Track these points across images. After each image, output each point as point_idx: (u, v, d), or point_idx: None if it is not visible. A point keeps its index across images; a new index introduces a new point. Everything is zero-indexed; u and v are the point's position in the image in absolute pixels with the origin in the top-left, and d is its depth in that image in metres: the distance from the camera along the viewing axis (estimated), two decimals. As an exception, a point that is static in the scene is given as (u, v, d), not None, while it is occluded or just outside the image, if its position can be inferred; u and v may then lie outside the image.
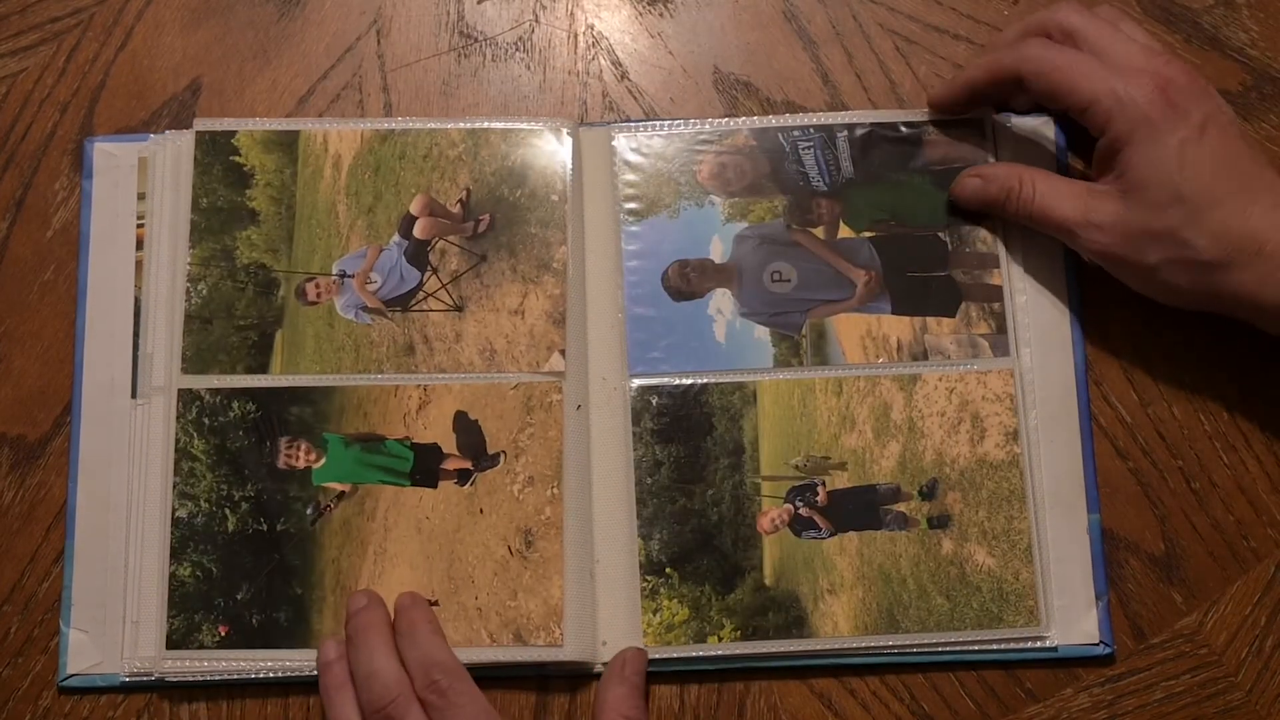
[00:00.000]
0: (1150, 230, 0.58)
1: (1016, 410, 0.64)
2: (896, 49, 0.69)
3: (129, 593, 0.62)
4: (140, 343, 0.65)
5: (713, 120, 0.67)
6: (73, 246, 0.66)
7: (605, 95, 0.69)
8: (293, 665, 0.61)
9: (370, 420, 0.64)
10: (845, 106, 0.68)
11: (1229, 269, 0.57)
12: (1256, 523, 0.63)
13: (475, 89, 0.69)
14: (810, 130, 0.67)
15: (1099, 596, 0.62)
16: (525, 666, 0.62)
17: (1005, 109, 0.67)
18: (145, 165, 0.67)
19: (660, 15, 0.70)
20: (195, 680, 0.61)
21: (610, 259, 0.66)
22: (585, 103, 0.69)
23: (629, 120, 0.68)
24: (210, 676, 0.61)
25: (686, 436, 0.64)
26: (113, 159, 0.67)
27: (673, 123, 0.67)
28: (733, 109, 0.68)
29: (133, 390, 0.64)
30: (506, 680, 0.62)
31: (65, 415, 0.65)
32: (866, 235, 0.66)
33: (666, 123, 0.67)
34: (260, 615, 0.62)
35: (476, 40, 0.69)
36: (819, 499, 0.63)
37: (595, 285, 0.66)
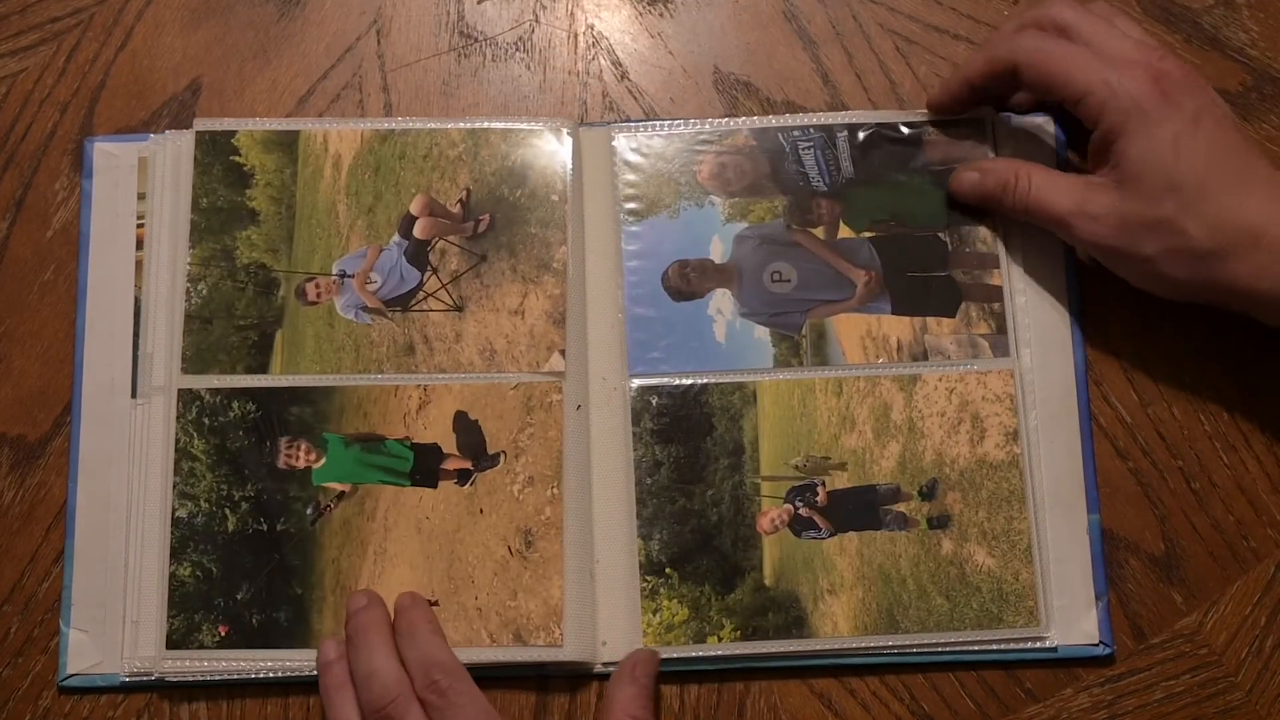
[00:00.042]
0: (1146, 220, 0.58)
1: (1016, 410, 0.64)
2: (896, 49, 0.69)
3: (129, 593, 0.62)
4: (140, 343, 0.65)
5: (713, 120, 0.67)
6: (73, 246, 0.66)
7: (605, 95, 0.69)
8: (293, 665, 0.61)
9: (370, 420, 0.64)
10: (845, 106, 0.68)
11: (1225, 259, 0.57)
12: (1256, 523, 0.63)
13: (475, 89, 0.69)
14: (810, 130, 0.67)
15: (1099, 597, 0.62)
16: (525, 666, 0.62)
17: (1006, 110, 0.67)
18: (145, 165, 0.67)
19: (660, 15, 0.70)
20: (195, 680, 0.61)
21: (610, 259, 0.66)
22: (585, 103, 0.69)
23: (629, 120, 0.68)
24: (210, 676, 0.61)
25: (686, 437, 0.64)
26: (113, 159, 0.67)
27: (673, 123, 0.67)
28: (733, 109, 0.68)
29: (133, 390, 0.64)
30: (506, 680, 0.62)
31: (65, 415, 0.65)
32: (866, 235, 0.66)
33: (666, 123, 0.67)
34: (260, 615, 0.62)
35: (476, 40, 0.69)
36: (819, 499, 0.63)
37: (595, 285, 0.66)
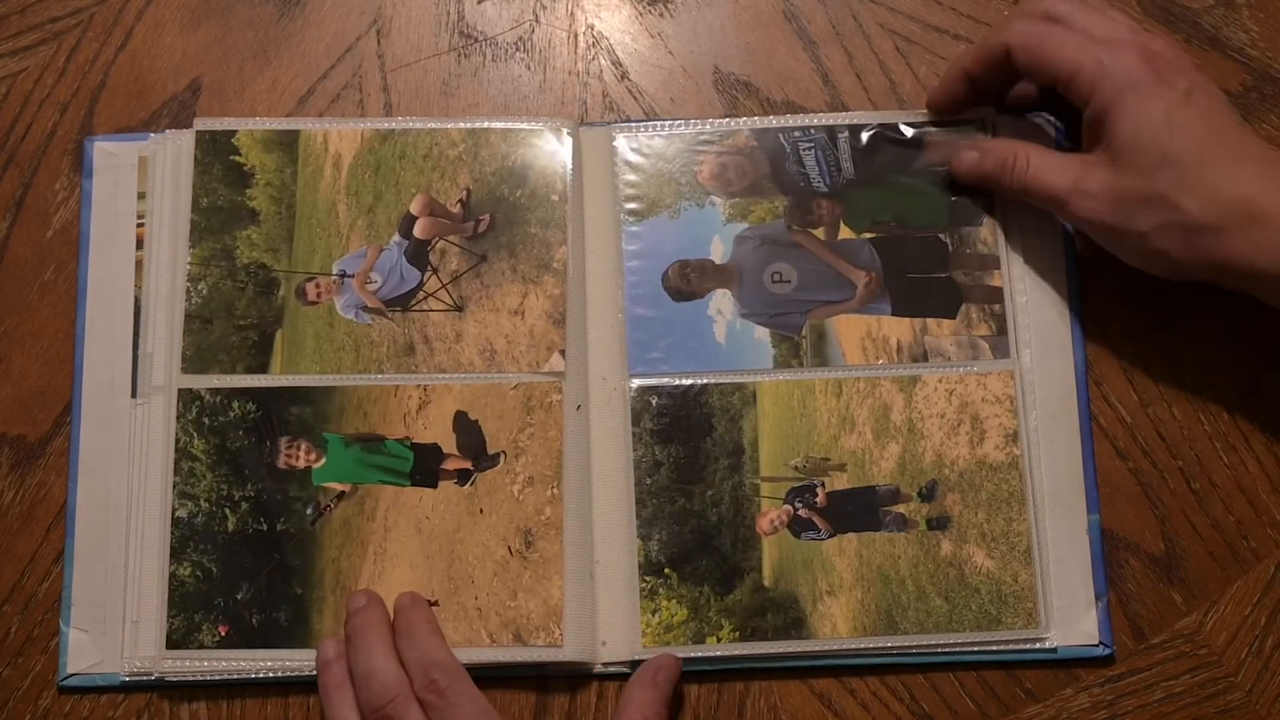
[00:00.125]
0: (1140, 194, 0.58)
1: (1016, 412, 0.64)
2: (896, 49, 0.69)
3: (129, 592, 0.62)
4: (140, 342, 0.65)
5: (713, 120, 0.67)
6: (73, 246, 0.66)
7: (605, 95, 0.69)
8: (293, 665, 0.61)
9: (370, 420, 0.64)
10: (845, 107, 0.68)
11: (1221, 234, 0.56)
12: (1256, 523, 0.63)
13: (475, 89, 0.69)
14: (811, 131, 0.67)
15: (1099, 597, 0.62)
16: (525, 667, 0.62)
17: (1005, 109, 0.67)
18: (145, 165, 0.67)
19: (660, 15, 0.70)
20: (195, 680, 0.61)
21: (610, 259, 0.66)
22: (585, 103, 0.69)
23: (629, 120, 0.68)
24: (210, 676, 0.61)
25: (686, 437, 0.64)
26: (113, 158, 0.67)
27: (673, 123, 0.67)
28: (733, 109, 0.68)
29: (133, 390, 0.64)
30: (506, 680, 0.62)
31: (65, 415, 0.65)
32: (867, 236, 0.66)
33: (667, 123, 0.67)
34: (260, 615, 0.62)
35: (476, 40, 0.69)
36: (818, 500, 0.63)
37: (595, 285, 0.66)
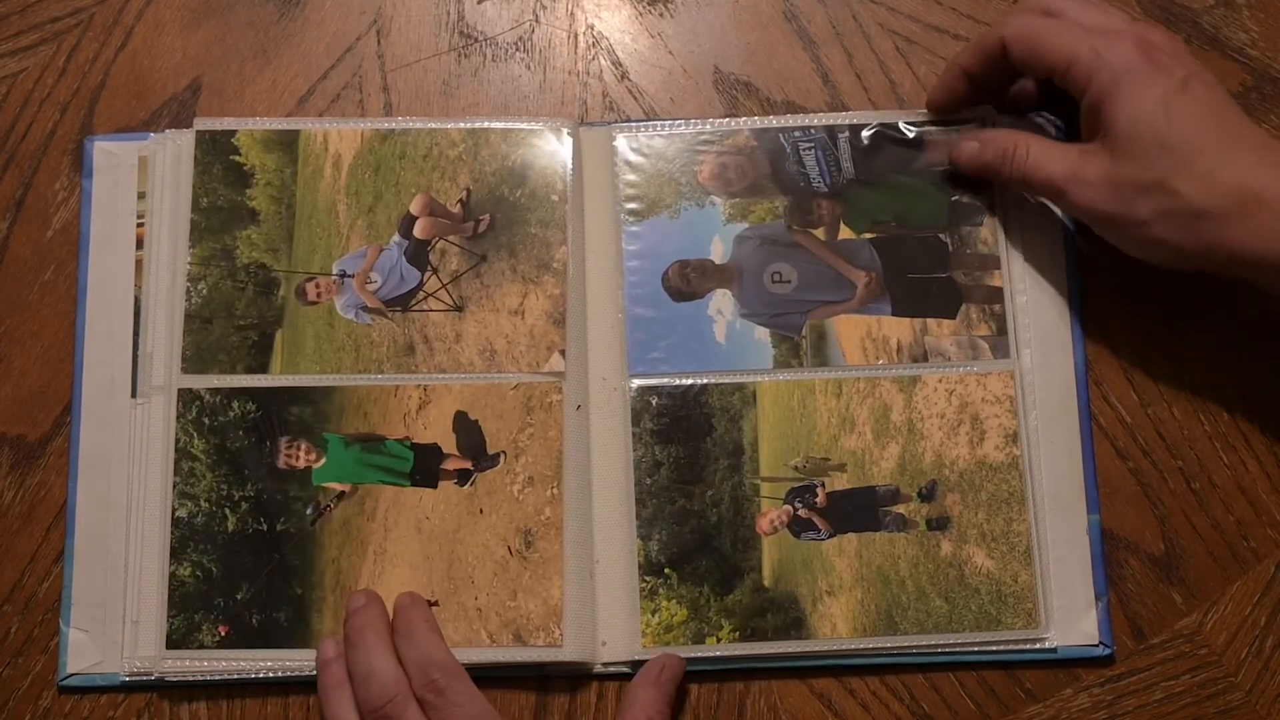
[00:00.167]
0: (1139, 182, 0.57)
1: (1016, 412, 0.64)
2: (896, 49, 0.69)
3: (129, 592, 0.62)
4: (140, 342, 0.65)
5: (714, 120, 0.67)
6: (73, 246, 0.66)
7: (605, 95, 0.69)
8: (293, 665, 0.61)
9: (370, 420, 0.64)
10: (845, 107, 0.68)
11: (1223, 221, 0.56)
12: (1256, 523, 0.63)
13: (475, 89, 0.69)
14: (811, 131, 0.67)
15: (1099, 597, 0.62)
16: (525, 667, 0.62)
17: (1005, 109, 0.67)
18: (145, 165, 0.67)
19: (660, 15, 0.70)
20: (195, 680, 0.61)
21: (610, 259, 0.66)
22: (585, 103, 0.69)
23: (629, 120, 0.68)
24: (210, 676, 0.61)
25: (686, 437, 0.64)
26: (113, 158, 0.67)
27: (674, 123, 0.67)
28: (733, 109, 0.68)
29: (133, 390, 0.64)
30: (506, 680, 0.62)
31: (65, 415, 0.65)
32: (867, 236, 0.66)
33: (667, 123, 0.67)
34: (260, 615, 0.62)
35: (476, 40, 0.69)
36: (818, 500, 0.63)
37: (595, 285, 0.66)
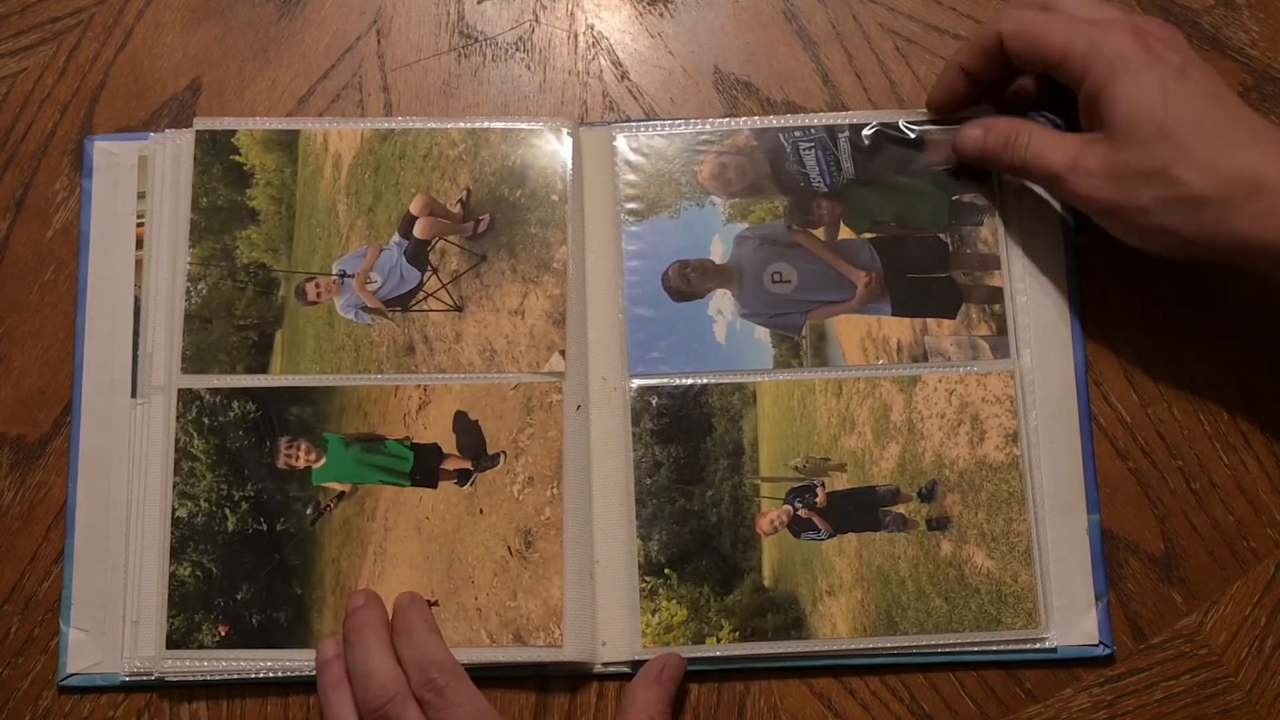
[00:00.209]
0: (1139, 170, 0.57)
1: (1016, 412, 0.63)
2: (896, 49, 0.69)
3: (129, 592, 0.62)
4: (140, 342, 0.65)
5: (714, 120, 0.67)
6: (73, 246, 0.66)
7: (605, 95, 0.69)
8: (293, 665, 0.61)
9: (370, 420, 0.64)
10: (845, 106, 0.68)
11: (1225, 208, 0.55)
12: (1256, 523, 0.63)
13: (475, 89, 0.69)
14: (811, 130, 0.67)
15: (1099, 597, 0.62)
16: (525, 667, 0.62)
17: (1005, 108, 0.67)
18: (145, 164, 0.67)
19: (660, 15, 0.70)
20: (195, 680, 0.61)
21: (610, 259, 0.66)
22: (585, 103, 0.69)
23: (629, 120, 0.68)
24: (210, 676, 0.61)
25: (686, 437, 0.64)
26: (113, 157, 0.67)
27: (674, 123, 0.67)
28: (733, 109, 0.68)
29: (133, 390, 0.64)
30: (506, 680, 0.62)
31: (65, 415, 0.65)
32: (867, 236, 0.66)
33: (667, 123, 0.67)
34: (260, 615, 0.62)
35: (476, 40, 0.69)
36: (818, 500, 0.63)
37: (595, 285, 0.66)
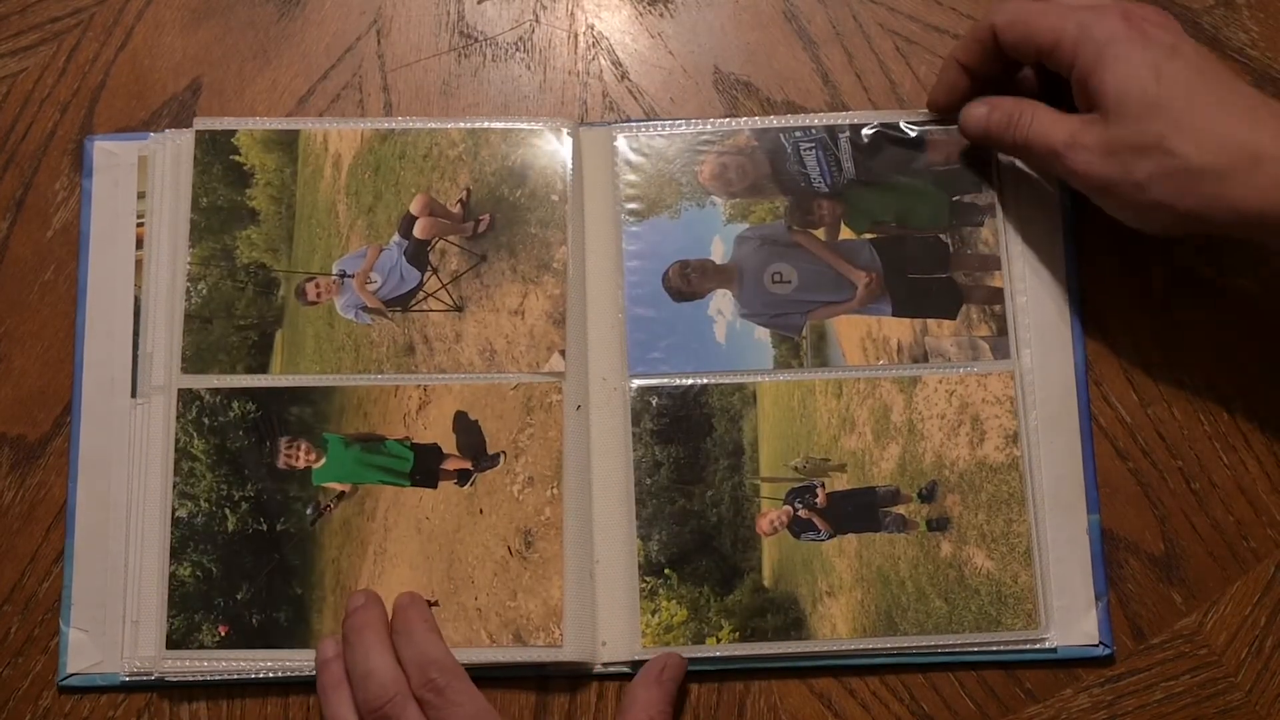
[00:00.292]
0: (1133, 143, 0.57)
1: (1016, 413, 0.63)
2: (896, 49, 0.69)
3: (129, 592, 0.62)
4: (140, 342, 0.65)
5: (714, 120, 0.67)
6: (73, 246, 0.66)
7: (605, 95, 0.69)
8: (293, 665, 0.61)
9: (370, 420, 0.64)
10: (845, 106, 0.68)
11: (1224, 178, 0.55)
12: (1256, 523, 0.63)
13: (475, 89, 0.69)
14: (812, 130, 0.67)
15: (1099, 597, 0.62)
16: (525, 667, 0.62)
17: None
18: (145, 164, 0.67)
19: (660, 15, 0.70)
20: (195, 680, 0.61)
21: (610, 259, 0.66)
22: (585, 103, 0.69)
23: (629, 120, 0.68)
24: (210, 676, 0.61)
25: (686, 437, 0.64)
26: (113, 157, 0.67)
27: (674, 123, 0.67)
28: (733, 109, 0.68)
29: (133, 390, 0.64)
30: (506, 680, 0.62)
31: (65, 415, 0.65)
32: (868, 237, 0.66)
33: (668, 123, 0.67)
34: (260, 615, 0.62)
35: (476, 40, 0.69)
36: (818, 501, 0.63)
37: (595, 285, 0.66)
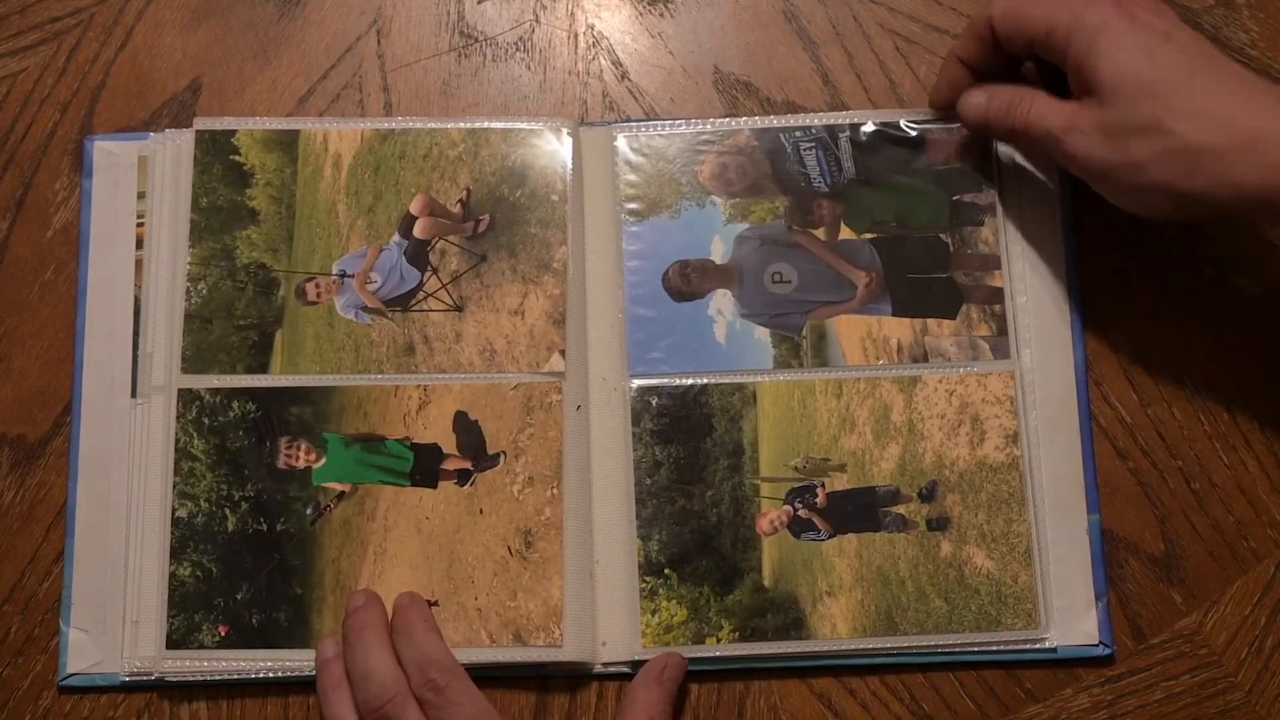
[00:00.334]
0: (1130, 125, 0.57)
1: (1016, 413, 0.63)
2: (896, 49, 0.69)
3: (129, 592, 0.62)
4: (140, 342, 0.65)
5: (714, 120, 0.67)
6: (73, 246, 0.66)
7: (605, 95, 0.69)
8: (293, 665, 0.61)
9: (370, 420, 0.64)
10: (845, 106, 0.68)
11: (1222, 158, 0.55)
12: (1256, 523, 0.63)
13: (475, 89, 0.69)
14: (812, 130, 0.67)
15: (1099, 597, 0.62)
16: (525, 667, 0.62)
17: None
18: (145, 164, 0.67)
19: (660, 15, 0.70)
20: (195, 680, 0.61)
21: (610, 259, 0.66)
22: (585, 103, 0.69)
23: (630, 120, 0.68)
24: (210, 676, 0.61)
25: (686, 437, 0.64)
26: (113, 157, 0.67)
27: (674, 123, 0.67)
28: (733, 109, 0.68)
29: (133, 390, 0.64)
30: (506, 680, 0.62)
31: (65, 415, 0.65)
32: (868, 236, 0.66)
33: (668, 123, 0.67)
34: (260, 615, 0.62)
35: (476, 40, 0.69)
36: (818, 501, 0.63)
37: (595, 285, 0.66)
